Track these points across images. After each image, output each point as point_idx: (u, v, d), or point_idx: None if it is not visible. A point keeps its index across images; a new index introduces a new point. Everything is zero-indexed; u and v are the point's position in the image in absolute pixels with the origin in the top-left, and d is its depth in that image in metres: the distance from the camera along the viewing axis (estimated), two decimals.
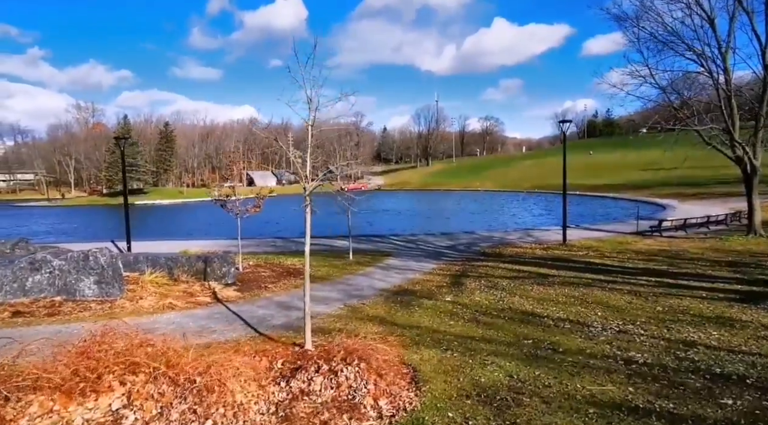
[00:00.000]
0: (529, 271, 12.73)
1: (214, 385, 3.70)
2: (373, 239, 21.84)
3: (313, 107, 6.20)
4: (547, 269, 12.82)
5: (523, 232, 22.69)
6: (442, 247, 18.53)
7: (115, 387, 3.51)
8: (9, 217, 50.73)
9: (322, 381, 4.38)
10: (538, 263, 14.03)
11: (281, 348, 6.21)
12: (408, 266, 14.29)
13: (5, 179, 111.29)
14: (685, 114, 19.49)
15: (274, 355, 5.15)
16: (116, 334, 4.12)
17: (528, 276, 12.01)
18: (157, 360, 3.84)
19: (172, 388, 3.59)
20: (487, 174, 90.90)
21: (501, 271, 12.90)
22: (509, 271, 12.85)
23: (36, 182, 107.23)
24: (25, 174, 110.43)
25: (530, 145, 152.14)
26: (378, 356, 5.09)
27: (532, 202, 49.05)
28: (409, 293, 10.45)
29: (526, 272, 12.55)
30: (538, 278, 11.73)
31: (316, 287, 11.31)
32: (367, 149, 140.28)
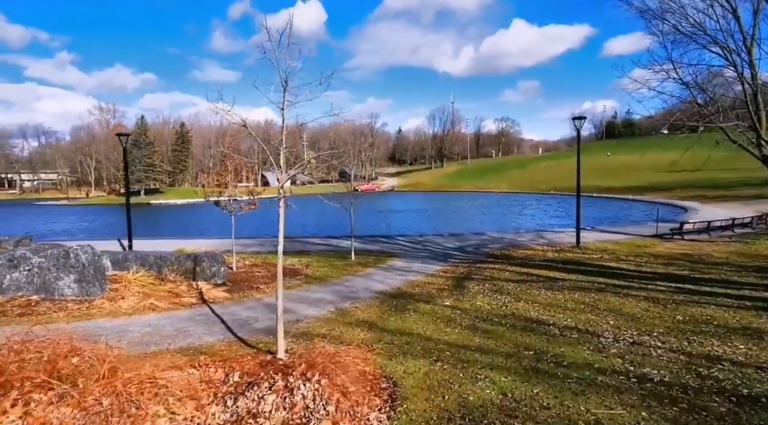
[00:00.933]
0: (538, 274, 11.96)
1: (131, 407, 3.15)
2: (380, 239, 21.23)
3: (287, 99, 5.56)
4: (557, 273, 12.03)
5: (535, 233, 21.81)
6: (450, 248, 17.82)
7: (8, 409, 2.97)
8: (29, 215, 51.62)
9: (274, 400, 3.79)
10: (548, 266, 13.23)
11: (250, 356, 5.64)
12: (411, 268, 13.65)
13: (29, 178, 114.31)
14: (709, 111, 18.39)
15: (233, 366, 4.58)
16: (42, 342, 3.60)
17: (536, 280, 11.25)
18: (84, 374, 3.31)
19: (75, 412, 3.04)
20: (502, 176, 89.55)
21: (508, 274, 12.15)
22: (516, 274, 12.09)
23: (59, 181, 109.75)
24: (48, 174, 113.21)
25: (547, 147, 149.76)
26: (348, 369, 4.47)
27: (547, 203, 47.80)
28: (407, 297, 9.81)
29: (534, 276, 11.79)
30: (546, 282, 10.97)
31: (310, 289, 10.77)
32: (381, 150, 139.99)
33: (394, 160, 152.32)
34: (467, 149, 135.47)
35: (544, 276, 11.70)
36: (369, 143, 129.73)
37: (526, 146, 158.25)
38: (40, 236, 30.16)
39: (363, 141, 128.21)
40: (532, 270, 12.57)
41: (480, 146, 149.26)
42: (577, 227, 17.71)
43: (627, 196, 47.31)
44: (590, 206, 43.08)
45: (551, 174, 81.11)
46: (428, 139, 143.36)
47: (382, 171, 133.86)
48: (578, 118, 17.27)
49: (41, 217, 49.86)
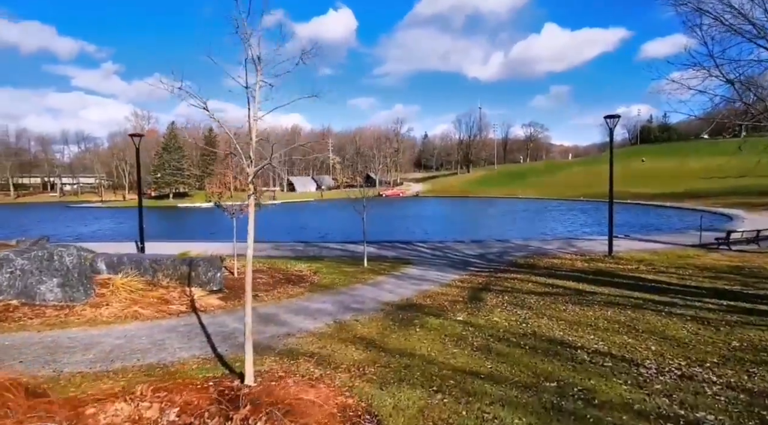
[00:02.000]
0: (565, 286, 10.75)
1: None
2: (398, 245, 20.29)
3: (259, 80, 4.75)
4: (587, 285, 10.78)
5: (564, 241, 20.38)
6: (470, 256, 16.70)
7: None
8: (64, 218, 53.20)
9: None
10: (577, 277, 11.97)
11: (212, 382, 4.80)
12: (426, 277, 12.65)
13: (69, 182, 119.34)
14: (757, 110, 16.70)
15: (174, 399, 3.75)
16: None
17: (563, 292, 10.06)
18: None
19: None
20: (530, 181, 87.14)
21: (531, 285, 10.99)
22: (541, 286, 10.92)
23: (97, 185, 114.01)
24: (87, 178, 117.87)
25: (577, 152, 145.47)
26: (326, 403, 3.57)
27: (577, 210, 45.74)
28: (416, 309, 8.83)
29: (560, 288, 10.59)
30: (574, 295, 9.76)
31: (313, 297, 9.94)
32: (406, 155, 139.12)
33: (419, 165, 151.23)
34: (494, 154, 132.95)
35: (572, 289, 10.49)
36: (394, 148, 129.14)
37: (555, 152, 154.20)
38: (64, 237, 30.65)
39: (388, 146, 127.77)
40: (558, 281, 11.36)
41: (507, 151, 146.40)
42: (610, 235, 16.30)
43: (664, 203, 44.76)
44: (624, 212, 40.81)
45: (582, 180, 78.32)
46: (454, 144, 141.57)
47: (408, 177, 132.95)
48: (611, 116, 15.91)
49: (75, 219, 51.26)
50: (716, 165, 61.69)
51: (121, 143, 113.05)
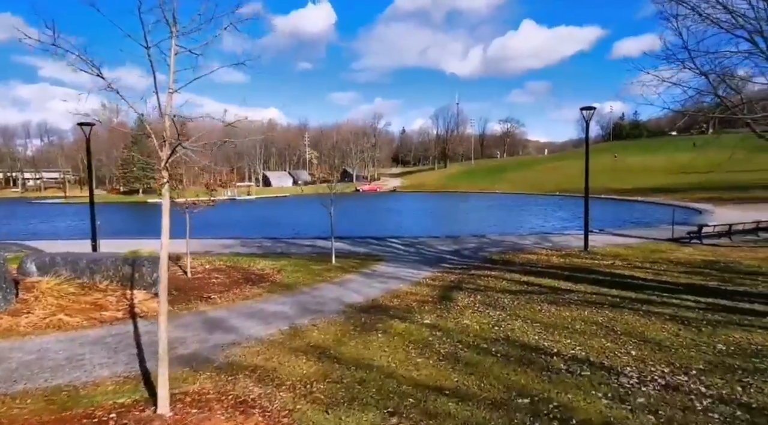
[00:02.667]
0: (540, 284, 10.23)
1: None
2: (370, 241, 19.57)
3: None
4: (564, 283, 10.29)
5: (540, 236, 20.06)
6: (445, 252, 16.11)
7: None
8: (23, 214, 50.39)
9: None
10: (553, 273, 11.49)
11: (116, 413, 3.98)
12: (396, 274, 11.97)
13: (31, 177, 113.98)
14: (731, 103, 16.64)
15: None
16: None
17: (538, 291, 9.53)
18: None
19: None
20: (507, 177, 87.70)
21: (505, 283, 10.43)
22: (515, 283, 10.37)
23: (62, 180, 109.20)
24: (51, 173, 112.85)
25: (553, 148, 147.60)
26: None
27: (552, 205, 45.97)
28: (381, 311, 8.13)
29: (536, 286, 10.06)
30: (550, 293, 9.24)
31: (271, 299, 9.12)
32: (384, 150, 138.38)
33: (397, 161, 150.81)
34: (471, 149, 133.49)
35: (548, 286, 9.98)
36: (371, 143, 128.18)
37: (531, 147, 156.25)
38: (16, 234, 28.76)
39: (365, 141, 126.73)
40: (533, 279, 10.85)
41: (484, 147, 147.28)
42: (585, 230, 15.97)
43: (636, 198, 45.41)
44: (598, 207, 41.15)
45: (557, 175, 79.19)
46: (432, 139, 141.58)
47: (386, 172, 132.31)
48: (587, 108, 15.53)
49: (36, 216, 48.59)
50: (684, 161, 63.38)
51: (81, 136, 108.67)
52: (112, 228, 33.82)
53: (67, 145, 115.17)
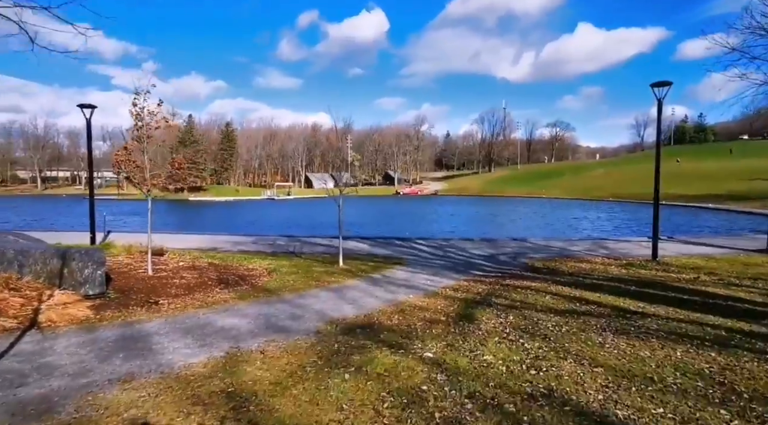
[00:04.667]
0: (599, 302, 7.53)
1: None
2: (394, 242, 17.30)
3: None
4: (631, 301, 7.55)
5: (593, 242, 16.96)
6: (477, 256, 13.56)
7: None
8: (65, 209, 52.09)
9: None
10: (615, 288, 8.72)
11: None
12: (410, 281, 9.63)
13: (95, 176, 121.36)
14: None
15: None
16: None
17: (596, 312, 6.87)
18: None
19: None
20: (555, 182, 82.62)
21: (550, 299, 7.81)
22: (563, 299, 7.73)
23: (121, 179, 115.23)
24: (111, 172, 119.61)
25: (605, 153, 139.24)
26: None
27: (605, 211, 41.72)
28: (370, 333, 5.83)
29: (592, 304, 7.38)
30: (614, 317, 6.57)
31: (236, 307, 7.04)
32: (427, 153, 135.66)
33: (441, 165, 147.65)
34: (518, 154, 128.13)
35: (610, 306, 7.27)
36: (414, 146, 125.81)
37: (582, 153, 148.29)
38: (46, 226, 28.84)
39: (408, 144, 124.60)
40: (588, 294, 8.14)
41: (531, 151, 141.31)
42: (655, 235, 12.89)
43: (707, 204, 40.35)
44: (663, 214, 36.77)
45: (610, 181, 73.61)
46: (477, 143, 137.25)
47: (428, 176, 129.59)
48: (660, 83, 12.49)
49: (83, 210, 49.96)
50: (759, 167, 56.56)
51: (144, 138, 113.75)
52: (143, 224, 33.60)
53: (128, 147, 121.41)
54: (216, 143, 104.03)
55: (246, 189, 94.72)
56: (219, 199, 76.01)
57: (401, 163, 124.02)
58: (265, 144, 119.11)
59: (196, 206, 62.76)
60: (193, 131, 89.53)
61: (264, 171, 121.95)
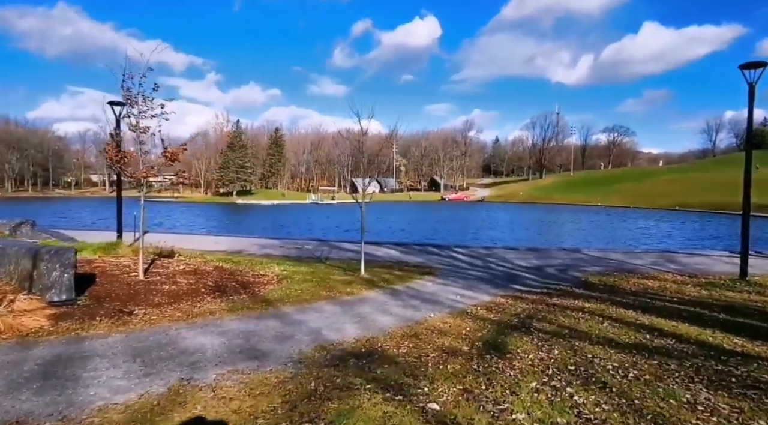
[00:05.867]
0: (677, 334, 5.75)
1: None
2: (430, 249, 15.86)
3: None
4: (722, 335, 5.70)
5: (660, 255, 14.64)
6: (520, 268, 11.86)
7: None
8: None
9: None
10: (697, 316, 6.82)
11: None
12: (437, 296, 8.20)
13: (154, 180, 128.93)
14: None
15: None
16: None
17: (674, 350, 5.13)
18: None
19: None
20: (612, 189, 77.32)
21: (609, 326, 6.11)
22: (627, 329, 6.00)
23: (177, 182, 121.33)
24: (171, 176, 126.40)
25: (669, 160, 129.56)
26: None
27: (673, 221, 37.82)
28: (367, 365, 4.48)
29: (668, 337, 5.62)
30: (701, 357, 4.82)
31: (220, 322, 5.93)
32: (474, 159, 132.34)
33: (489, 171, 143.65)
34: (571, 160, 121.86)
35: (693, 340, 5.49)
36: (461, 151, 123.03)
37: (643, 159, 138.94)
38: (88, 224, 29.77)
39: (455, 149, 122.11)
40: (660, 321, 6.34)
41: (586, 157, 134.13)
42: (744, 249, 10.61)
43: None
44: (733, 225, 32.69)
45: (675, 188, 67.84)
46: (527, 149, 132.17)
47: (476, 182, 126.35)
48: (753, 65, 10.28)
49: None
50: None
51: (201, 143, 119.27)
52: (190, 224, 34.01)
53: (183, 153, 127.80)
54: (265, 148, 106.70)
55: (292, 193, 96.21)
56: (265, 202, 77.45)
57: (448, 169, 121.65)
58: (313, 149, 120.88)
59: (242, 209, 64.11)
60: (242, 135, 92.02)
61: (311, 176, 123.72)
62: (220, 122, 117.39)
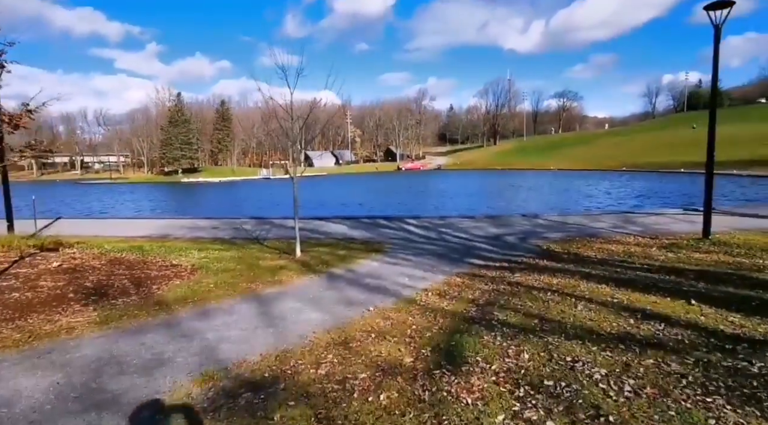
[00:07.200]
0: (663, 315, 4.72)
1: None
2: (380, 222, 14.53)
3: None
4: (713, 313, 4.74)
5: (618, 217, 14.04)
6: (478, 238, 10.77)
7: None
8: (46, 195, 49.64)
9: None
10: (675, 287, 5.90)
11: None
12: (383, 279, 6.90)
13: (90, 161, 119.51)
14: None
15: None
16: None
17: (667, 339, 4.09)
18: None
19: None
20: (563, 153, 79.02)
21: (583, 309, 5.02)
22: (605, 311, 4.93)
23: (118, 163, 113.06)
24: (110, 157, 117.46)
25: (613, 123, 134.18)
26: None
27: (621, 182, 38.54)
28: (266, 406, 3.10)
29: (654, 320, 4.58)
30: (702, 349, 3.79)
31: (71, 343, 4.32)
32: (430, 128, 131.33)
33: (444, 139, 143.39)
34: (524, 126, 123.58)
35: (684, 322, 4.48)
36: (416, 120, 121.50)
37: (590, 123, 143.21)
38: None
39: (409, 118, 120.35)
40: (639, 297, 5.34)
41: (538, 123, 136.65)
42: (707, 208, 9.94)
43: (731, 171, 37.05)
44: (676, 182, 33.64)
45: (621, 150, 70.05)
46: (481, 116, 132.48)
47: (432, 150, 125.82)
48: (718, 5, 9.33)
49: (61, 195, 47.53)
50: None
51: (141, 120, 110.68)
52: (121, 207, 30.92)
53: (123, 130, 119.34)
54: (212, 123, 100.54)
55: (242, 170, 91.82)
56: (212, 180, 73.32)
57: (403, 138, 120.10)
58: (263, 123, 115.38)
59: (187, 187, 60.14)
60: (183, 110, 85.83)
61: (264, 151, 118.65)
62: (161, 96, 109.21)
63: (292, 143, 9.36)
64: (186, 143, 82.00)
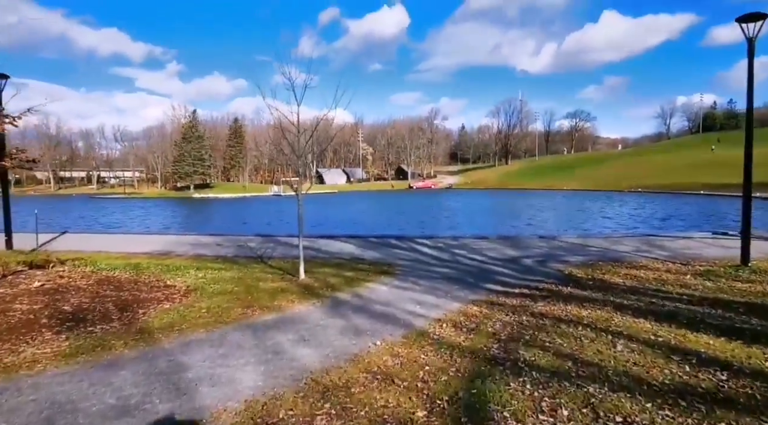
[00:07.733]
0: (720, 360, 4.00)
1: None
2: (393, 242, 13.89)
3: None
4: None
5: (641, 239, 13.21)
6: (495, 261, 10.07)
7: None
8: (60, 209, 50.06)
9: None
10: (725, 322, 5.16)
11: None
12: (391, 307, 6.25)
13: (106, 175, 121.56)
14: None
15: None
16: None
17: (735, 393, 3.37)
18: None
19: None
20: (575, 173, 77.90)
21: (623, 348, 4.31)
22: (651, 353, 4.22)
23: (133, 178, 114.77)
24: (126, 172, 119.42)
25: (626, 144, 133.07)
26: None
27: (636, 202, 37.46)
28: None
29: (710, 364, 3.86)
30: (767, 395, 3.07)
31: (18, 385, 3.71)
32: (441, 147, 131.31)
33: (455, 158, 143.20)
34: (536, 146, 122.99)
35: (747, 369, 3.75)
36: (428, 139, 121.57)
37: (602, 144, 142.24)
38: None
39: (421, 136, 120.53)
40: (686, 335, 4.61)
41: (550, 143, 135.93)
42: (746, 233, 9.16)
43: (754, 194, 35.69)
44: (695, 205, 32.49)
45: (634, 171, 68.80)
46: (493, 135, 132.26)
47: (443, 169, 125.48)
48: (752, 17, 8.73)
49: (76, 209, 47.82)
50: None
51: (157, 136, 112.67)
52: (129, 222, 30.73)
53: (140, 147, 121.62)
54: (225, 139, 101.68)
55: (253, 186, 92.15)
56: (224, 196, 73.54)
57: (414, 157, 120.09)
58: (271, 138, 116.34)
59: (198, 203, 60.25)
60: (197, 126, 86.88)
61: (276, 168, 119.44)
62: (177, 114, 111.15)
63: (298, 156, 8.84)
64: (199, 159, 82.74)
